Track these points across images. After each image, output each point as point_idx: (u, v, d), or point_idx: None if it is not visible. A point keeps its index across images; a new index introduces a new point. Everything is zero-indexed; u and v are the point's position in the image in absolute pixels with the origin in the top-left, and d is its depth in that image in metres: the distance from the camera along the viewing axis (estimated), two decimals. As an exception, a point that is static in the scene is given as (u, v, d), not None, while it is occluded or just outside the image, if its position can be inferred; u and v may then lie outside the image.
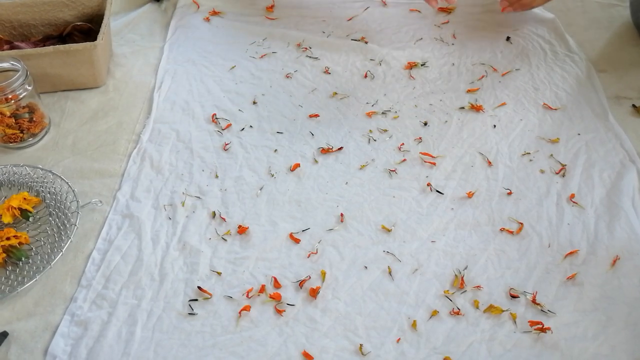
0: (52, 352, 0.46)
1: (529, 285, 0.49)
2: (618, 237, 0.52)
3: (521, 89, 0.68)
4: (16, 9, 0.73)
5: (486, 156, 0.61)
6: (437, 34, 0.77)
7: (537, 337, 0.46)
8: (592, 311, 0.47)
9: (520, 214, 0.55)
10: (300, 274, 0.51)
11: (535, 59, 0.72)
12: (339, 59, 0.73)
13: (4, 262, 0.52)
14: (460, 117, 0.65)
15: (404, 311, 0.48)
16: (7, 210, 0.55)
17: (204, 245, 0.53)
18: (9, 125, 0.61)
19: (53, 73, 0.67)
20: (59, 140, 0.64)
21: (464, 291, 0.49)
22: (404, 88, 0.69)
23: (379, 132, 0.64)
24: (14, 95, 0.60)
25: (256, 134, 0.64)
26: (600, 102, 0.66)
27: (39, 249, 0.54)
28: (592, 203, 0.55)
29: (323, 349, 0.46)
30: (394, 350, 0.46)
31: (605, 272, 0.50)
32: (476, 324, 0.47)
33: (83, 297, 0.50)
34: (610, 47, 0.74)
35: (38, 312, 0.49)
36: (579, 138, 0.62)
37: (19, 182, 0.60)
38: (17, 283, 0.51)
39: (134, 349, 0.46)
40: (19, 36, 0.74)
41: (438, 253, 0.52)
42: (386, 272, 0.51)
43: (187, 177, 0.60)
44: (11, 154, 0.63)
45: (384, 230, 0.54)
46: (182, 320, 0.48)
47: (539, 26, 0.77)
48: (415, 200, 0.57)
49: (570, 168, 0.59)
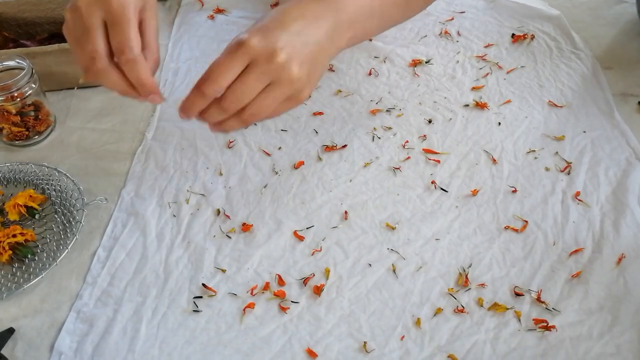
0: (58, 348, 0.47)
1: (534, 283, 0.49)
2: (624, 235, 0.52)
3: (526, 86, 0.68)
4: (22, 7, 0.73)
5: (491, 154, 0.60)
6: (441, 31, 0.76)
7: (542, 335, 0.46)
8: (598, 310, 0.47)
9: (525, 211, 0.55)
10: (304, 272, 0.51)
11: (541, 56, 0.72)
12: (343, 56, 0.73)
13: (11, 259, 0.52)
14: (464, 115, 0.65)
15: (408, 309, 0.48)
16: (13, 207, 0.55)
17: (208, 242, 0.54)
18: (15, 123, 0.62)
19: (58, 71, 0.68)
20: (64, 138, 0.65)
21: (468, 289, 0.49)
22: (408, 85, 0.69)
23: (383, 129, 0.64)
24: (20, 93, 0.60)
25: (260, 132, 0.64)
26: (606, 100, 0.65)
27: (44, 246, 0.54)
28: (597, 201, 0.55)
29: (327, 346, 0.46)
30: (398, 348, 0.46)
31: (611, 271, 0.50)
32: (481, 322, 0.47)
33: (89, 294, 0.50)
34: (617, 44, 0.73)
35: (44, 309, 0.49)
36: (584, 135, 0.62)
37: (24, 179, 0.60)
38: (23, 280, 0.51)
39: (139, 346, 0.46)
40: (25, 34, 0.75)
41: (442, 251, 0.52)
42: (390, 270, 0.51)
43: (191, 174, 0.60)
44: (17, 152, 0.64)
45: (388, 228, 0.54)
46: (186, 317, 0.48)
47: (544, 23, 0.76)
48: (420, 198, 0.56)
49: (575, 166, 0.58)
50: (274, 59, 0.40)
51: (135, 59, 0.42)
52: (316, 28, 0.43)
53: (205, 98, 0.42)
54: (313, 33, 0.43)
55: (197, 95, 0.43)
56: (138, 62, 0.42)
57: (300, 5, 0.44)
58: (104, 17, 0.41)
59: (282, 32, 0.41)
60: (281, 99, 0.42)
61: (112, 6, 0.41)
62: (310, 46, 0.42)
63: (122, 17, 0.41)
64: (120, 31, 0.41)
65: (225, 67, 0.41)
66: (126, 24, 0.41)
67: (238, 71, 0.41)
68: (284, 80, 0.41)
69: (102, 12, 0.41)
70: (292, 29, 0.41)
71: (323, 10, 0.44)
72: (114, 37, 0.41)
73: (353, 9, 0.46)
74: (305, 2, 0.44)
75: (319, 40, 0.43)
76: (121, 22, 0.41)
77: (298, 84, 0.42)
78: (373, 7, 0.49)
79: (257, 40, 0.41)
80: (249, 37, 0.41)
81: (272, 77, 0.41)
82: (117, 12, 0.41)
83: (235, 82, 0.41)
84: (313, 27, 0.43)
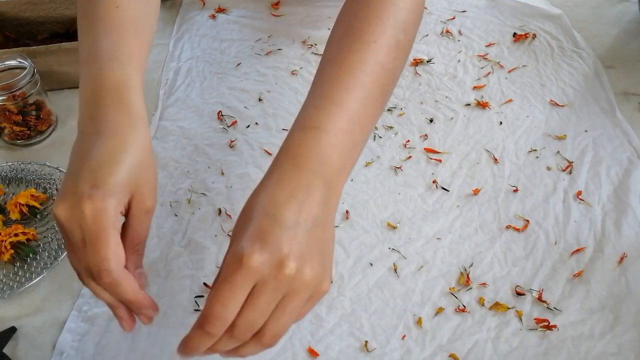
0: (60, 347, 0.47)
1: (535, 282, 0.49)
2: (625, 234, 0.52)
3: (528, 86, 0.68)
4: (23, 6, 0.73)
5: (492, 153, 0.60)
6: (442, 30, 0.76)
7: (543, 335, 0.46)
8: (599, 309, 0.47)
9: (527, 211, 0.55)
10: (305, 271, 0.51)
11: (542, 55, 0.72)
12: (345, 55, 0.73)
13: (12, 259, 0.53)
14: (466, 114, 0.65)
15: (410, 308, 0.48)
16: (15, 206, 0.55)
17: (209, 242, 0.54)
18: (17, 123, 0.62)
19: (60, 70, 0.68)
20: (65, 137, 0.65)
21: (469, 288, 0.49)
22: (409, 85, 0.69)
23: (384, 129, 0.64)
24: (21, 93, 0.60)
25: (262, 131, 0.64)
26: (608, 99, 0.65)
27: (46, 245, 0.54)
28: (599, 200, 0.55)
29: (328, 345, 0.46)
30: (400, 348, 0.46)
31: (613, 270, 0.49)
32: (482, 321, 0.47)
33: (90, 293, 0.50)
34: (619, 43, 0.73)
35: (46, 308, 0.50)
36: (586, 135, 0.61)
37: (26, 179, 0.60)
38: (25, 279, 0.51)
39: (141, 345, 0.46)
40: (26, 34, 0.75)
41: (444, 250, 0.52)
42: (392, 269, 0.51)
43: (192, 173, 0.60)
44: (18, 151, 0.64)
45: (390, 227, 0.54)
46: (187, 316, 0.48)
47: (546, 22, 0.76)
48: (421, 197, 0.56)
49: (577, 165, 0.58)
50: (283, 272, 0.34)
51: (115, 282, 0.36)
52: (310, 203, 0.36)
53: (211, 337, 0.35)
54: (309, 211, 0.36)
55: (201, 336, 0.35)
56: (119, 284, 0.36)
57: (284, 184, 0.37)
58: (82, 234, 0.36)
59: (280, 230, 0.34)
60: (300, 307, 0.36)
61: (86, 220, 0.35)
62: (313, 233, 0.36)
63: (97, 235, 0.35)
64: (95, 252, 0.35)
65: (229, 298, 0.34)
66: (102, 243, 0.35)
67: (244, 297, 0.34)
68: (298, 288, 0.35)
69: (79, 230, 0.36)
70: (288, 220, 0.35)
71: (310, 178, 0.37)
72: (90, 259, 0.36)
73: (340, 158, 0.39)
74: (288, 177, 0.37)
75: (319, 215, 0.36)
76: (96, 241, 0.35)
77: (315, 283, 0.36)
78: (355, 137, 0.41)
79: (258, 256, 0.34)
80: (248, 253, 0.34)
81: (285, 290, 0.35)
82: (92, 229, 0.35)
83: (245, 310, 0.34)
84: (307, 204, 0.36)
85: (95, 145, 0.38)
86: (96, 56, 0.43)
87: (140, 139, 0.39)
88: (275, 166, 0.39)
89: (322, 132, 0.39)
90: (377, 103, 0.43)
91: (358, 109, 0.41)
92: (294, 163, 0.38)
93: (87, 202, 0.35)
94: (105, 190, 0.36)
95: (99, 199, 0.36)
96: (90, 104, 0.41)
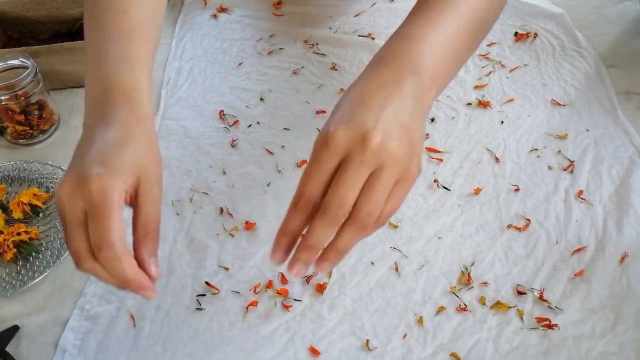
0: (62, 346, 0.47)
1: (537, 281, 0.49)
2: (627, 234, 0.52)
3: (529, 85, 0.68)
4: (25, 6, 0.73)
5: (493, 152, 0.60)
6: (444, 30, 0.76)
7: (545, 334, 0.46)
8: (600, 308, 0.47)
9: (528, 210, 0.55)
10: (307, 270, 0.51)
11: (544, 54, 0.72)
12: (346, 55, 0.73)
13: (15, 258, 0.53)
14: (467, 113, 0.65)
15: (411, 307, 0.48)
16: (17, 206, 0.55)
17: (211, 240, 0.54)
18: (19, 122, 0.62)
19: (62, 70, 0.68)
20: (68, 136, 0.65)
21: (470, 287, 0.49)
22: (411, 84, 0.69)
23: (385, 128, 0.64)
24: (24, 92, 0.61)
25: (263, 131, 0.64)
26: (610, 98, 0.65)
27: (49, 244, 0.54)
28: (600, 200, 0.55)
29: (330, 344, 0.46)
30: (401, 347, 0.46)
31: (614, 269, 0.50)
32: (483, 320, 0.47)
33: (92, 292, 0.50)
34: (620, 42, 0.73)
35: (48, 307, 0.50)
36: (587, 134, 0.61)
37: (29, 178, 0.60)
38: (27, 278, 0.51)
39: (143, 344, 0.47)
40: (28, 33, 0.75)
41: (445, 249, 0.52)
42: (393, 268, 0.51)
43: (194, 173, 0.60)
44: (21, 150, 0.64)
45: (391, 226, 0.54)
46: (189, 315, 0.48)
47: (547, 21, 0.76)
48: (422, 196, 0.56)
49: (578, 164, 0.58)
50: (369, 145, 0.34)
51: (115, 256, 0.36)
52: (400, 95, 0.37)
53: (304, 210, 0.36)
54: (398, 101, 0.37)
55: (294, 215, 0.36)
56: (119, 259, 0.36)
57: (374, 78, 0.38)
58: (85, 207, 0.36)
59: (365, 111, 0.36)
60: (391, 185, 0.36)
61: (92, 195, 0.35)
62: (399, 116, 0.36)
63: (101, 207, 0.35)
64: (98, 224, 0.35)
65: (317, 174, 0.36)
66: (106, 215, 0.35)
67: (331, 172, 0.36)
68: (385, 162, 0.35)
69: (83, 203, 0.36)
70: (374, 104, 0.36)
71: (401, 74, 0.38)
72: (92, 232, 0.36)
73: (432, 64, 0.40)
74: (379, 72, 0.39)
75: (407, 106, 0.37)
76: (100, 213, 0.35)
77: (402, 161, 0.36)
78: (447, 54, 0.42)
79: (343, 131, 0.35)
80: (334, 130, 0.35)
81: (373, 165, 0.35)
82: (97, 202, 0.35)
83: (334, 185, 0.35)
84: (396, 95, 0.37)
85: (103, 135, 0.39)
86: (105, 59, 0.43)
87: (147, 133, 0.40)
88: (367, 68, 0.40)
89: (415, 40, 0.41)
90: (470, 35, 0.45)
91: (452, 31, 0.42)
92: (384, 63, 0.40)
93: (93, 179, 0.36)
94: (111, 169, 0.37)
95: (105, 176, 0.36)
96: (98, 103, 0.41)
